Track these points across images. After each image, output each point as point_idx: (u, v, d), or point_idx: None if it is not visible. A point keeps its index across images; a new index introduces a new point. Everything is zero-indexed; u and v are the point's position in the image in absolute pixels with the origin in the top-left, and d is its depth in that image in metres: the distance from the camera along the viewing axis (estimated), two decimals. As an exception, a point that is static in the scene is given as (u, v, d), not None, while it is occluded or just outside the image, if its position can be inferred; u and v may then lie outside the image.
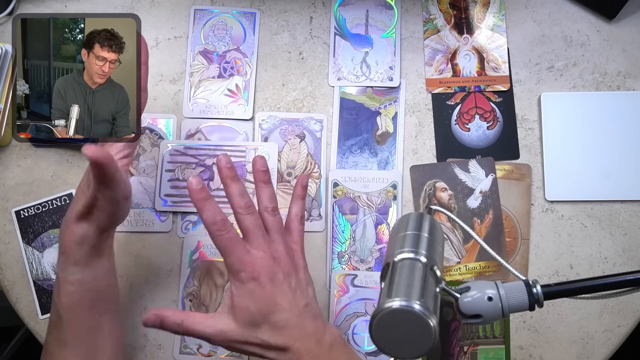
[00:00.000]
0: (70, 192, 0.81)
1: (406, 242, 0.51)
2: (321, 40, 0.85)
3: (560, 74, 0.83)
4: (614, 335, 0.78)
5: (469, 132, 0.82)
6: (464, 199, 0.80)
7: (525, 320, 0.78)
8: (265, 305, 0.60)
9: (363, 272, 0.79)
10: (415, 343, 0.44)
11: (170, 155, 0.81)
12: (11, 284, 0.80)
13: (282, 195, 0.81)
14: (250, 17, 0.85)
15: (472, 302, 0.49)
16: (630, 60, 0.83)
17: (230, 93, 0.83)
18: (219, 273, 0.79)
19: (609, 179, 0.80)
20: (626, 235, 0.80)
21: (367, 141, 0.82)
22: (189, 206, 0.80)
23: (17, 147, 0.82)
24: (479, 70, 0.83)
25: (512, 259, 0.79)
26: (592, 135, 0.81)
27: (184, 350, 0.78)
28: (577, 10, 0.84)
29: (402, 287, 0.45)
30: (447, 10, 0.85)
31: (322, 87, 0.83)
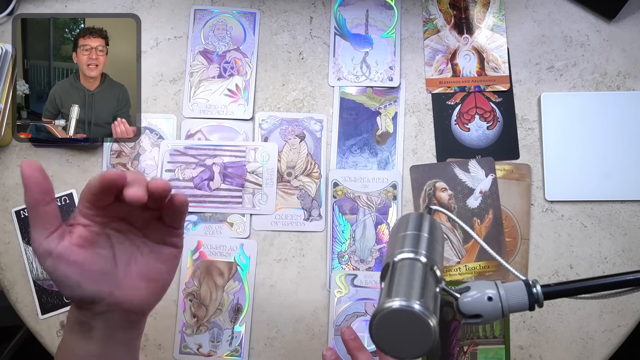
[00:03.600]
0: (71, 192, 0.81)
1: (406, 242, 0.51)
2: (321, 40, 0.85)
3: (560, 74, 0.83)
4: (614, 335, 0.78)
5: (469, 132, 0.82)
6: (464, 199, 0.80)
7: (525, 320, 0.78)
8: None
9: (363, 272, 0.79)
10: (415, 343, 0.44)
11: (170, 155, 0.81)
12: (11, 284, 0.80)
13: (282, 195, 0.81)
14: (250, 17, 0.85)
15: (472, 302, 0.49)
16: (630, 60, 0.83)
17: (230, 93, 0.83)
18: (219, 273, 0.79)
19: (608, 179, 0.80)
20: (626, 235, 0.80)
21: (367, 141, 0.82)
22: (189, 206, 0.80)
23: (17, 147, 0.82)
24: (478, 70, 0.83)
25: (512, 259, 0.79)
26: (592, 135, 0.81)
27: (183, 350, 0.78)
28: (577, 10, 0.84)
29: (402, 287, 0.45)
30: (447, 10, 0.85)
31: (322, 87, 0.83)
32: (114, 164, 0.81)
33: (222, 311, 0.79)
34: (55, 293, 0.79)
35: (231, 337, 0.78)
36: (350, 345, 0.70)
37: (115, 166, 0.81)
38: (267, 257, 0.80)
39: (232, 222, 0.80)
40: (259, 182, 0.80)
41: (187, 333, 0.78)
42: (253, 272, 0.80)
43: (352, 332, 0.71)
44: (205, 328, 0.78)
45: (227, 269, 0.79)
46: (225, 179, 0.81)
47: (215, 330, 0.78)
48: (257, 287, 0.80)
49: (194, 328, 0.78)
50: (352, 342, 0.70)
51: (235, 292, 0.79)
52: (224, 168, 0.81)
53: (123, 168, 0.81)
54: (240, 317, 0.79)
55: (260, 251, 0.80)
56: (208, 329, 0.78)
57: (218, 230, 0.80)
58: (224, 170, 0.81)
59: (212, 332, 0.78)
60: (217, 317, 0.79)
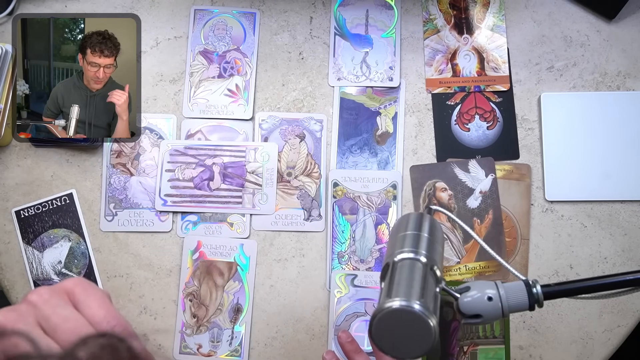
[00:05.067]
0: (71, 192, 0.81)
1: (406, 242, 0.51)
2: (321, 40, 0.85)
3: (560, 74, 0.83)
4: (614, 335, 0.78)
5: (469, 132, 0.82)
6: (464, 199, 0.80)
7: (525, 320, 0.78)
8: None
9: (363, 272, 0.79)
10: (415, 343, 0.44)
11: (170, 155, 0.81)
12: (11, 284, 0.80)
13: (282, 195, 0.81)
14: (250, 17, 0.85)
15: (472, 302, 0.49)
16: (630, 60, 0.83)
17: (230, 93, 0.83)
18: (219, 273, 0.79)
19: (608, 179, 0.80)
20: (626, 235, 0.80)
21: (367, 141, 0.82)
22: (189, 206, 0.80)
23: (17, 147, 0.82)
24: (478, 71, 0.83)
25: (512, 259, 0.79)
26: (592, 135, 0.81)
27: (183, 350, 0.78)
28: (577, 10, 0.84)
29: (402, 287, 0.45)
30: (447, 10, 0.85)
31: (322, 87, 0.83)
32: (114, 164, 0.81)
33: (222, 311, 0.79)
34: (55, 293, 0.79)
35: (231, 337, 0.78)
36: (347, 348, 0.70)
37: (115, 166, 0.81)
38: (267, 257, 0.80)
39: (232, 222, 0.80)
40: (259, 182, 0.80)
41: (187, 333, 0.78)
42: (253, 272, 0.80)
43: (349, 335, 0.71)
44: (205, 328, 0.78)
45: (227, 269, 0.79)
46: (225, 179, 0.81)
47: (215, 331, 0.78)
48: (257, 287, 0.80)
49: (194, 328, 0.78)
50: (349, 345, 0.71)
51: (235, 292, 0.79)
52: (224, 168, 0.81)
53: (123, 168, 0.81)
54: (240, 317, 0.79)
55: (260, 251, 0.80)
56: (208, 329, 0.78)
57: (218, 230, 0.80)
58: (224, 170, 0.81)
59: (212, 332, 0.78)
60: (217, 317, 0.79)
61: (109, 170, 0.81)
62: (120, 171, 0.81)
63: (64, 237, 0.80)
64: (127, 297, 0.79)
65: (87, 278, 0.79)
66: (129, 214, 0.80)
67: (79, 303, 0.39)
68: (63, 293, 0.39)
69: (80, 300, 0.39)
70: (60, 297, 0.39)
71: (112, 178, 0.81)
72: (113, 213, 0.80)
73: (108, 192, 0.81)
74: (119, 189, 0.81)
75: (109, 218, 0.80)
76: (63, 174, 0.82)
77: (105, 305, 0.39)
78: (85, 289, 0.40)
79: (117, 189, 0.81)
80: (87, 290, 0.40)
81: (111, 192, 0.81)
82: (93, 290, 0.40)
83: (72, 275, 0.79)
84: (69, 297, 0.39)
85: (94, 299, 0.39)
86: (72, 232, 0.80)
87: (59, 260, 0.79)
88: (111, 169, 0.81)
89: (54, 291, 0.39)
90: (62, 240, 0.80)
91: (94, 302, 0.39)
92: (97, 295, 0.40)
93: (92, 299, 0.39)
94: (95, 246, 0.80)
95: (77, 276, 0.65)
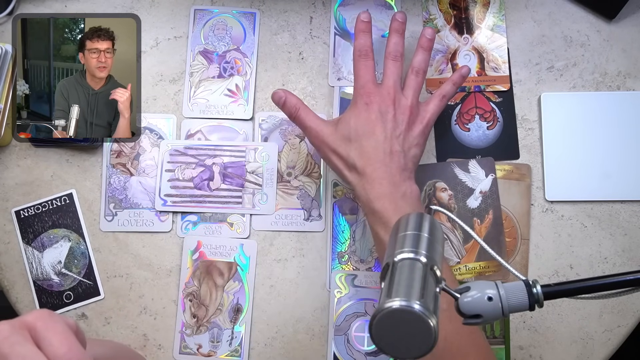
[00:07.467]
0: (71, 192, 0.81)
1: (406, 242, 0.51)
2: (321, 40, 0.85)
3: (560, 74, 0.83)
4: (614, 335, 0.78)
5: (469, 132, 0.82)
6: (464, 199, 0.80)
7: (525, 321, 0.78)
8: (363, 126, 0.69)
9: (363, 272, 0.79)
10: (415, 343, 0.44)
11: (170, 155, 0.81)
12: (11, 284, 0.80)
13: (282, 195, 0.81)
14: (250, 17, 0.85)
15: (472, 302, 0.49)
16: (630, 60, 0.83)
17: (230, 93, 0.83)
18: (219, 273, 0.79)
19: (609, 179, 0.80)
20: (626, 236, 0.80)
21: (367, 141, 0.82)
22: (189, 206, 0.80)
23: (17, 147, 0.82)
24: (479, 70, 0.83)
25: (512, 259, 0.79)
26: (592, 135, 0.81)
27: (183, 350, 0.78)
28: (577, 10, 0.84)
29: (402, 287, 0.45)
30: (447, 10, 0.85)
31: (322, 87, 0.83)
32: (114, 164, 0.81)
33: (222, 311, 0.79)
34: (55, 293, 0.79)
35: (231, 337, 0.78)
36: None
37: (115, 166, 0.81)
38: (267, 257, 0.80)
39: (232, 222, 0.80)
40: (259, 182, 0.80)
41: (187, 333, 0.78)
42: (253, 272, 0.80)
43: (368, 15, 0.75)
44: (205, 328, 0.78)
45: (227, 269, 0.79)
46: (225, 179, 0.81)
47: (215, 331, 0.78)
48: (257, 287, 0.80)
49: (193, 328, 0.78)
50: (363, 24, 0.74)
51: (235, 292, 0.79)
52: (224, 168, 0.81)
53: (123, 168, 0.81)
54: (240, 317, 0.79)
55: (260, 251, 0.80)
56: (208, 329, 0.78)
57: (218, 230, 0.80)
58: (224, 170, 0.81)
59: (212, 332, 0.78)
60: (217, 317, 0.79)
61: (108, 170, 0.81)
62: (120, 171, 0.81)
63: (63, 237, 0.80)
64: (127, 297, 0.79)
65: (87, 278, 0.79)
66: (129, 214, 0.80)
67: (40, 340, 0.38)
68: (24, 328, 0.38)
69: (41, 336, 0.38)
70: (21, 333, 0.37)
71: (112, 178, 0.81)
72: (113, 213, 0.80)
73: (108, 192, 0.81)
74: (118, 189, 0.81)
75: (108, 218, 0.80)
76: (63, 174, 0.82)
77: (68, 341, 0.38)
78: (47, 323, 0.38)
79: (117, 189, 0.81)
80: (49, 324, 0.38)
81: (111, 192, 0.81)
82: (54, 324, 0.38)
83: (72, 276, 0.79)
84: (30, 332, 0.38)
85: (54, 334, 0.38)
86: (72, 232, 0.80)
87: (59, 260, 0.79)
88: (111, 169, 0.81)
89: (14, 327, 0.37)
90: (62, 240, 0.80)
91: (55, 337, 0.38)
92: (58, 329, 0.38)
93: (53, 334, 0.38)
94: (95, 246, 0.80)
95: (41, 308, 0.62)
